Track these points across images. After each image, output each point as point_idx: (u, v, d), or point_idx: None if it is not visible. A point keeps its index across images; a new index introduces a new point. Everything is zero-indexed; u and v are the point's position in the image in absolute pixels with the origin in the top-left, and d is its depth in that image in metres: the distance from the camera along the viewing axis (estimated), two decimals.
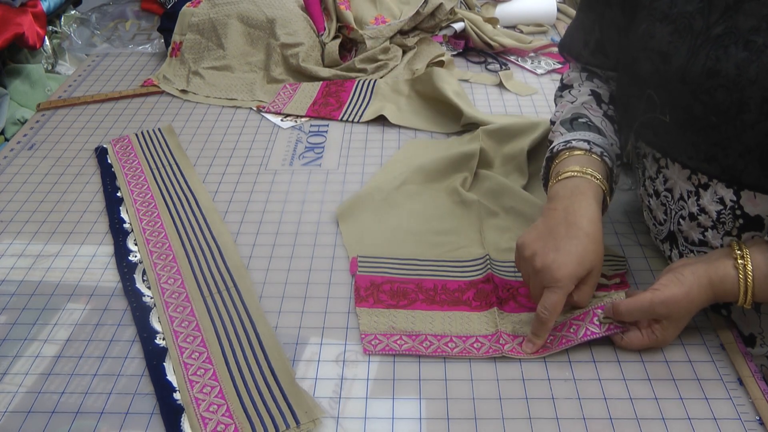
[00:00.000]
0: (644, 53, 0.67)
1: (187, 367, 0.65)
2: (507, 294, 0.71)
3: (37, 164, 0.99)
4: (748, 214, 0.63)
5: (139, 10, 1.55)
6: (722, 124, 0.60)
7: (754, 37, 0.58)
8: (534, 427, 0.59)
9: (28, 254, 0.81)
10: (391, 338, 0.67)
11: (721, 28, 0.61)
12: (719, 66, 0.60)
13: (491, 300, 0.70)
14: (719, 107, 0.60)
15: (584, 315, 0.66)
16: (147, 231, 0.83)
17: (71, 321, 0.71)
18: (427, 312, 0.70)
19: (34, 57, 1.38)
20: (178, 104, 1.15)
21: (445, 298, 0.72)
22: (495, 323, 0.68)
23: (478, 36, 1.30)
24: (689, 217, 0.68)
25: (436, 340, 0.67)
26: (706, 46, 0.61)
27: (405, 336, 0.67)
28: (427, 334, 0.67)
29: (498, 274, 0.74)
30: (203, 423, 0.59)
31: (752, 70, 0.58)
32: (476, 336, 0.67)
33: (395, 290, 0.73)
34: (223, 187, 0.93)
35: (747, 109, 0.59)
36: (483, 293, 0.72)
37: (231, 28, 1.24)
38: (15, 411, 0.61)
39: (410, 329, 0.68)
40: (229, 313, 0.71)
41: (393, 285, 0.74)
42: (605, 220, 0.84)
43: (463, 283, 0.74)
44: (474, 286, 0.73)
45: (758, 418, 0.59)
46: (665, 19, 0.65)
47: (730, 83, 0.59)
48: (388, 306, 0.71)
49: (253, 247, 0.81)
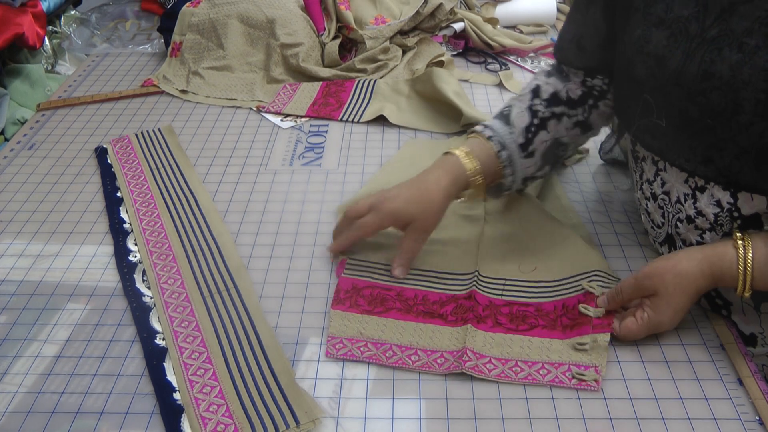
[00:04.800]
0: (639, 57, 0.67)
1: (187, 367, 0.65)
2: (487, 312, 0.69)
3: (37, 164, 0.99)
4: (745, 215, 0.63)
5: (139, 10, 1.55)
6: (717, 125, 0.61)
7: (747, 39, 0.58)
8: (534, 427, 0.59)
9: (28, 254, 0.81)
10: (355, 344, 0.67)
11: (715, 30, 0.61)
12: (714, 68, 0.60)
13: (467, 316, 0.68)
14: (714, 109, 0.60)
15: (560, 364, 0.64)
16: (147, 231, 0.83)
17: (71, 321, 0.71)
18: (399, 321, 0.69)
19: (34, 57, 1.38)
20: (178, 104, 1.15)
21: (423, 309, 0.71)
22: (464, 340, 0.66)
23: (478, 36, 1.30)
24: (687, 220, 0.67)
25: (400, 350, 0.66)
26: (701, 49, 0.61)
27: (371, 343, 0.67)
28: (393, 344, 0.66)
29: (482, 292, 0.72)
30: (203, 423, 0.59)
31: (745, 72, 0.58)
32: (442, 351, 0.66)
33: (374, 296, 0.72)
34: (223, 187, 0.93)
35: (741, 111, 0.59)
36: (462, 309, 0.70)
37: (231, 28, 1.24)
38: (15, 411, 0.61)
39: (377, 337, 0.67)
40: (229, 313, 0.71)
41: (374, 290, 0.73)
42: (605, 221, 0.84)
43: (444, 296, 0.72)
44: (454, 301, 0.71)
45: (758, 418, 0.59)
46: (661, 24, 0.65)
47: (724, 85, 0.59)
48: (363, 311, 0.70)
49: (252, 247, 0.81)
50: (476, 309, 0.69)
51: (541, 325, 0.68)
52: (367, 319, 0.70)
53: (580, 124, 0.78)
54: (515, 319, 0.69)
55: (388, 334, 0.68)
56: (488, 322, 0.69)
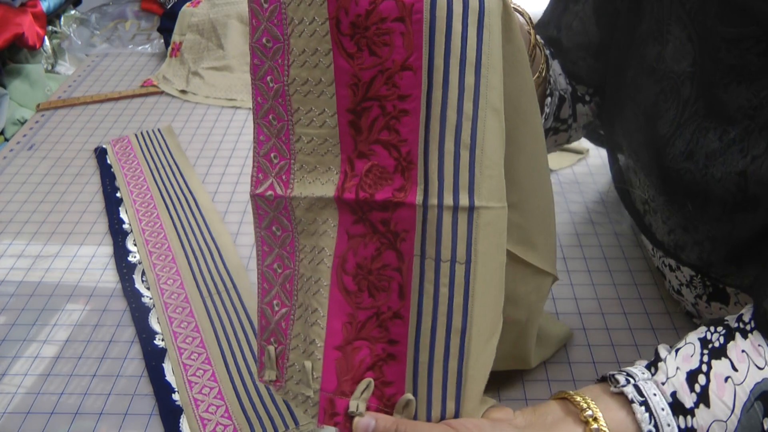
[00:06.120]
0: (631, 104, 0.60)
1: (186, 367, 0.65)
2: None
3: (36, 164, 0.99)
4: (717, 285, 0.59)
5: (138, 10, 1.55)
6: (691, 204, 0.54)
7: (729, 128, 0.50)
8: None
9: (28, 255, 0.81)
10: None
11: (706, 104, 0.52)
12: (696, 149, 0.52)
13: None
14: (688, 190, 0.53)
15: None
16: (146, 231, 0.83)
17: (70, 322, 0.71)
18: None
19: (33, 57, 1.38)
20: (177, 104, 1.15)
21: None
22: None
23: None
24: (668, 268, 0.66)
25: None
26: (691, 124, 0.53)
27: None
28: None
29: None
30: (202, 424, 0.59)
31: (717, 168, 0.50)
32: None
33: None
34: (222, 187, 0.93)
35: (711, 204, 0.52)
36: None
37: (231, 28, 1.24)
38: (14, 412, 0.61)
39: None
40: (228, 313, 0.71)
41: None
42: (605, 221, 0.84)
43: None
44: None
45: None
46: (652, 75, 0.57)
47: (698, 173, 0.52)
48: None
49: (252, 248, 0.81)
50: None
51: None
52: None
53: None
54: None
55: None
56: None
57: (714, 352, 0.46)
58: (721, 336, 0.47)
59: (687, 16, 0.53)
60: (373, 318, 0.46)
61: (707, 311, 0.63)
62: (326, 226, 0.48)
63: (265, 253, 0.52)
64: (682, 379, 0.45)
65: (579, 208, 0.86)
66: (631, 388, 0.45)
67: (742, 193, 0.49)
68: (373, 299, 0.46)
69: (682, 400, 0.44)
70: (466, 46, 0.41)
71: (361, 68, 0.44)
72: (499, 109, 0.42)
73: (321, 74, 0.46)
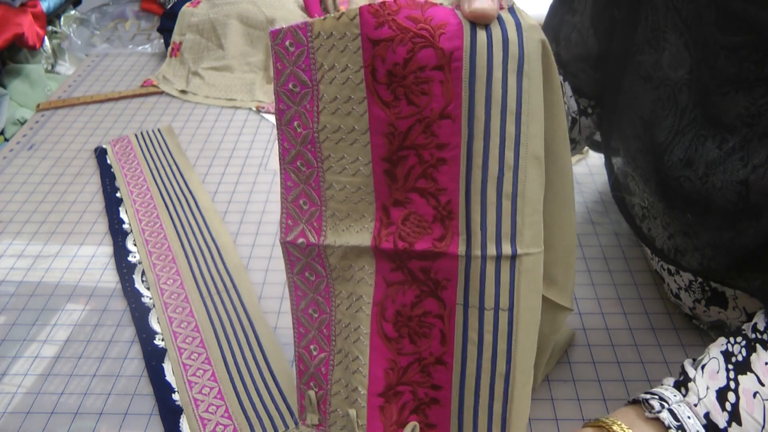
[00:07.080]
0: (627, 112, 0.60)
1: (186, 367, 0.65)
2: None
3: (36, 164, 0.99)
4: (716, 290, 0.60)
5: (138, 10, 1.55)
6: (691, 214, 0.54)
7: (728, 136, 0.49)
8: (534, 427, 0.59)
9: (28, 255, 0.81)
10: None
11: (704, 112, 0.52)
12: (695, 157, 0.52)
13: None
14: (688, 198, 0.53)
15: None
16: (146, 231, 0.83)
17: (70, 321, 0.71)
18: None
19: (33, 57, 1.38)
20: (177, 104, 1.15)
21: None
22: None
23: None
24: (667, 272, 0.66)
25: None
26: (689, 131, 0.53)
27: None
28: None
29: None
30: (202, 424, 0.59)
31: (718, 177, 0.50)
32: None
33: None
34: (222, 187, 0.93)
35: (712, 212, 0.52)
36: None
37: (231, 29, 1.24)
38: (14, 412, 0.61)
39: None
40: (228, 313, 0.71)
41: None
42: (605, 221, 0.84)
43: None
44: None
45: None
46: (649, 81, 0.57)
47: (698, 182, 0.52)
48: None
49: (252, 248, 0.81)
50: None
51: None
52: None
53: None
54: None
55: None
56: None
57: (738, 367, 0.46)
58: (743, 348, 0.47)
59: (683, 24, 0.53)
60: (414, 363, 0.47)
61: (705, 315, 0.63)
62: (363, 273, 0.48)
63: (299, 297, 0.52)
64: (713, 398, 0.45)
65: (579, 208, 0.86)
66: (666, 414, 0.45)
67: (743, 202, 0.49)
68: (415, 345, 0.47)
69: (715, 420, 0.44)
70: (506, 94, 0.40)
71: (398, 117, 0.43)
72: (540, 157, 0.42)
73: (354, 122, 0.45)
